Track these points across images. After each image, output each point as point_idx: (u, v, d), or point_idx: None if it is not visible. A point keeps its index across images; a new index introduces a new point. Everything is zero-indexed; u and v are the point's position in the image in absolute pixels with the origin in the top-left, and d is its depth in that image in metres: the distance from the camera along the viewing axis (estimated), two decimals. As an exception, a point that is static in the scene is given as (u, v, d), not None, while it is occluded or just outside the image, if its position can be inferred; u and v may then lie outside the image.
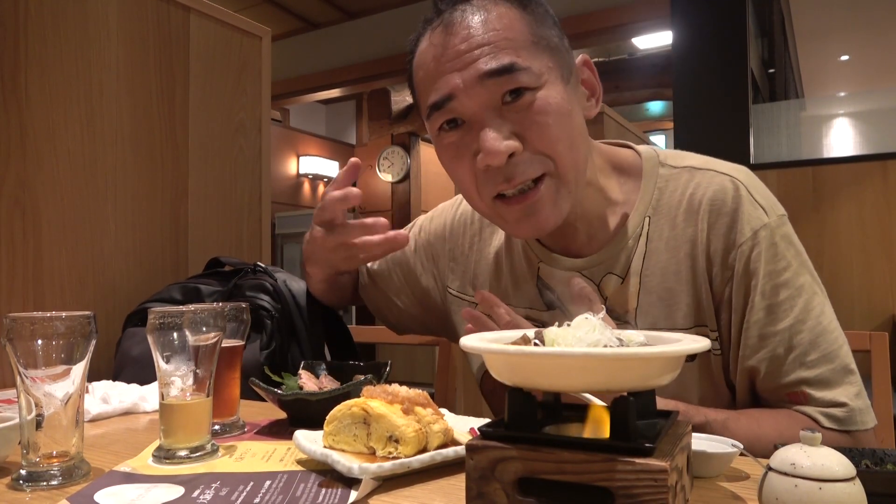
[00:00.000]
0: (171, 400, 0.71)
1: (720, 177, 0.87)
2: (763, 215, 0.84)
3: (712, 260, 0.85)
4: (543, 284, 0.96)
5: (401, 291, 1.17)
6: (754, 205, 0.84)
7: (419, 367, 5.12)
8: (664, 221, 0.88)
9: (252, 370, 1.07)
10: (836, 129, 3.80)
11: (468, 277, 1.07)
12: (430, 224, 1.17)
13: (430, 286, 1.14)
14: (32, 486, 0.61)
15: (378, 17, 5.75)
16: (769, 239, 0.83)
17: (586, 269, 0.92)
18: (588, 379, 0.52)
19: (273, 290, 1.21)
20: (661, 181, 0.90)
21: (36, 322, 0.61)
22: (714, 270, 0.85)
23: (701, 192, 0.87)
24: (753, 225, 0.83)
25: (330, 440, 0.67)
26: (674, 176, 0.90)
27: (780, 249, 0.83)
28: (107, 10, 1.40)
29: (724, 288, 0.84)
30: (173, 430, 0.69)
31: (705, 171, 0.89)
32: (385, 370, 0.91)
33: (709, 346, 0.54)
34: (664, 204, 0.89)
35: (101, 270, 1.38)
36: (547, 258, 0.96)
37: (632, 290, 0.88)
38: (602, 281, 0.91)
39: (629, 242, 0.89)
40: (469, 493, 0.53)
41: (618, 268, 0.90)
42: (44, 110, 1.29)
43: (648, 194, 0.90)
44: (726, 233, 0.84)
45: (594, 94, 0.90)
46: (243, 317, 0.84)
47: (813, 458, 0.46)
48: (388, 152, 6.87)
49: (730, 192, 0.85)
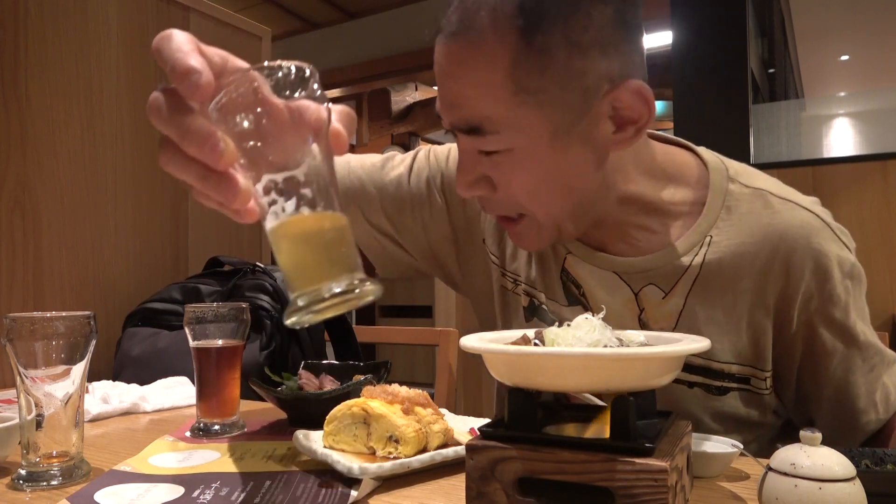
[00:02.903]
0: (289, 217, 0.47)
1: (803, 212, 0.80)
2: (849, 254, 0.80)
3: (790, 298, 0.78)
4: (568, 277, 0.86)
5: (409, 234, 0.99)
6: (839, 244, 0.79)
7: (419, 367, 5.12)
8: (730, 245, 0.79)
9: (252, 370, 1.07)
10: (836, 129, 3.80)
11: (496, 239, 0.93)
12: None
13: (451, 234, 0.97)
14: (32, 486, 0.61)
15: (378, 17, 5.76)
16: (856, 276, 0.80)
17: (625, 273, 0.82)
18: (588, 379, 0.52)
19: (273, 290, 1.21)
20: (730, 199, 0.81)
21: (36, 322, 0.61)
22: (791, 310, 0.79)
23: (783, 225, 0.78)
24: (843, 266, 0.78)
25: (330, 440, 0.67)
26: (745, 197, 0.81)
27: (861, 284, 0.81)
28: (107, 10, 1.40)
29: (799, 327, 0.79)
30: (303, 261, 0.48)
31: (784, 202, 0.80)
32: (385, 370, 0.91)
33: (708, 345, 0.54)
34: (733, 226, 0.80)
35: (101, 270, 1.38)
36: (578, 250, 0.85)
37: (671, 308, 0.80)
38: (641, 291, 0.82)
39: (682, 259, 0.80)
40: (469, 493, 0.53)
41: (662, 280, 0.81)
42: (44, 110, 1.29)
43: (715, 211, 0.80)
44: (813, 272, 0.78)
45: (633, 123, 0.73)
46: (243, 317, 0.84)
47: (813, 458, 0.46)
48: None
49: (818, 231, 0.78)
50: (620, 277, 0.82)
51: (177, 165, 0.48)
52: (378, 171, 0.99)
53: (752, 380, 0.81)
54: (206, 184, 0.48)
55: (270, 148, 0.46)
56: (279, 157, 0.47)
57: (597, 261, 0.84)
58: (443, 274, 1.02)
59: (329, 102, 0.49)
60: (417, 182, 0.97)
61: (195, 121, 0.46)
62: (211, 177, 0.47)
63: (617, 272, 0.83)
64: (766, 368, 0.81)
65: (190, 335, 0.82)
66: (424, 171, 0.97)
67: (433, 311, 5.50)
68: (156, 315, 1.28)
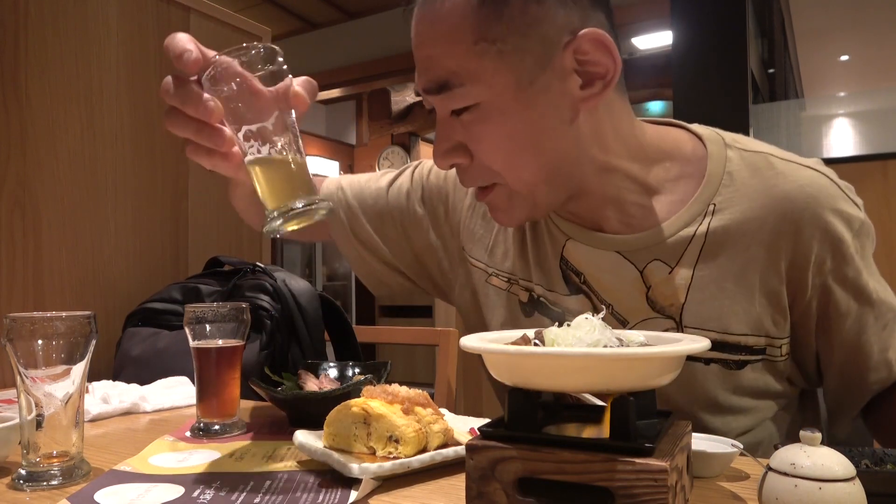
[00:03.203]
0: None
1: (808, 171, 0.78)
2: (858, 211, 0.78)
3: (802, 262, 0.77)
4: (567, 266, 0.85)
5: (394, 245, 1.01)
6: (848, 202, 0.78)
7: (419, 367, 5.13)
8: (735, 212, 0.78)
9: (252, 370, 1.07)
10: (836, 129, 3.80)
11: (485, 244, 0.94)
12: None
13: (434, 244, 1.00)
14: (32, 486, 0.61)
15: (378, 17, 5.75)
16: (865, 234, 0.79)
17: (627, 252, 0.81)
18: (588, 379, 0.52)
19: (273, 290, 1.21)
20: (731, 165, 0.79)
21: (36, 322, 0.61)
22: (805, 274, 0.77)
23: (789, 185, 0.77)
24: (853, 225, 0.77)
25: (330, 440, 0.67)
26: (747, 161, 0.80)
27: (870, 241, 0.80)
28: (107, 10, 1.40)
29: (814, 290, 0.78)
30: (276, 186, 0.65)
31: (787, 163, 0.79)
32: (385, 370, 0.91)
33: (708, 345, 0.54)
34: (736, 191, 0.78)
35: (101, 270, 1.38)
36: (577, 234, 0.84)
37: (679, 282, 0.79)
38: (647, 268, 0.80)
39: (686, 230, 0.79)
40: (469, 493, 0.53)
41: (667, 255, 0.79)
42: (44, 110, 1.29)
43: (716, 179, 0.79)
44: (824, 234, 0.76)
45: (602, 77, 0.73)
46: (243, 317, 0.84)
47: (813, 458, 0.46)
48: (388, 152, 6.88)
49: (826, 189, 0.77)
50: (624, 256, 0.81)
51: (179, 124, 0.64)
52: (361, 186, 1.04)
53: (767, 349, 0.79)
54: (202, 135, 0.65)
55: (246, 106, 0.63)
56: (253, 113, 0.63)
57: (597, 241, 0.83)
58: (431, 285, 1.04)
59: (289, 76, 0.65)
60: (397, 194, 1.02)
61: (192, 90, 0.63)
62: (205, 129, 0.64)
63: (620, 251, 0.81)
64: (782, 335, 0.79)
65: (190, 335, 0.82)
66: (405, 184, 1.02)
67: (433, 311, 5.51)
68: (156, 315, 1.28)
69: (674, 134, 0.86)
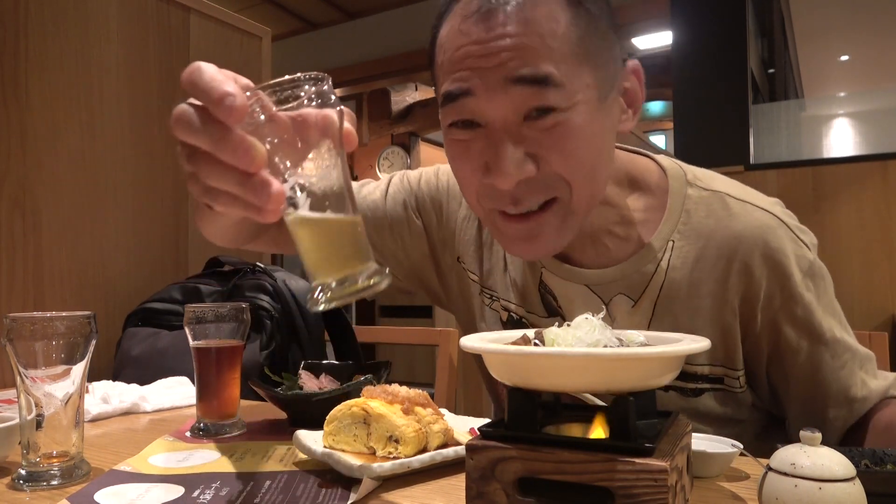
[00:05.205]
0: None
1: (760, 212, 0.81)
2: (807, 252, 0.80)
3: (752, 298, 0.79)
4: (546, 289, 0.88)
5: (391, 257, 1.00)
6: (797, 243, 0.80)
7: (419, 367, 5.13)
8: (691, 249, 0.81)
9: (252, 370, 1.07)
10: (836, 129, 3.80)
11: (478, 258, 0.94)
12: (439, 177, 1.00)
13: (430, 253, 1.00)
14: (32, 486, 0.61)
15: (378, 17, 5.75)
16: (817, 274, 0.81)
17: (595, 285, 0.84)
18: (588, 379, 0.52)
19: (273, 290, 1.21)
20: (689, 203, 0.82)
21: (36, 322, 0.61)
22: (754, 310, 0.80)
23: (740, 226, 0.80)
24: (801, 265, 0.79)
25: (330, 440, 0.67)
26: (704, 200, 0.82)
27: (824, 282, 0.82)
28: (107, 10, 1.40)
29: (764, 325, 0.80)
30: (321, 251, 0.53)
31: (742, 203, 0.82)
32: (385, 370, 0.91)
33: (708, 344, 0.54)
34: (693, 230, 0.81)
35: (101, 270, 1.38)
36: (550, 264, 0.87)
37: (641, 316, 0.82)
38: (612, 301, 0.83)
39: (647, 266, 0.82)
40: (469, 493, 0.53)
41: (630, 289, 0.82)
42: (44, 110, 1.29)
43: (675, 216, 0.82)
44: (772, 272, 0.79)
45: (632, 105, 0.78)
46: (243, 317, 0.84)
47: (813, 458, 0.47)
48: (388, 152, 6.88)
49: (774, 230, 0.80)
50: (591, 290, 0.84)
51: (213, 174, 0.48)
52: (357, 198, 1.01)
53: (725, 379, 0.82)
54: (245, 188, 0.47)
55: (296, 150, 0.49)
56: (305, 160, 0.50)
57: (567, 274, 0.86)
58: (428, 292, 1.05)
59: (341, 106, 0.51)
60: (394, 204, 0.99)
61: (227, 127, 0.46)
62: (248, 181, 0.47)
63: (588, 285, 0.85)
64: (738, 367, 0.82)
65: (190, 335, 0.82)
66: (400, 194, 1.00)
67: (433, 311, 5.51)
68: (156, 315, 1.28)
69: (642, 163, 0.87)
